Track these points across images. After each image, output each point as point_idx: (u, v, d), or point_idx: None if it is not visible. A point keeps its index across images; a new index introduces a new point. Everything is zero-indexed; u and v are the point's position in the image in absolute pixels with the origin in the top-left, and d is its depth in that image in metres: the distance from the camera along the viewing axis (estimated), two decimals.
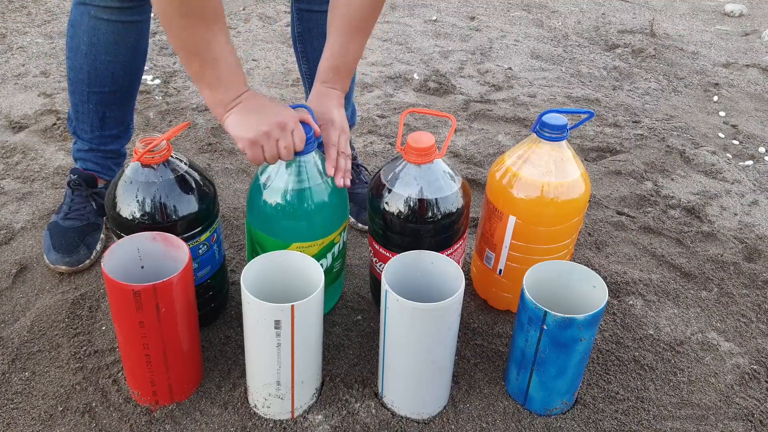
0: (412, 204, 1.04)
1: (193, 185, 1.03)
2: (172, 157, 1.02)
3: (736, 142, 1.90)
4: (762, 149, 1.86)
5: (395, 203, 1.05)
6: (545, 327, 0.95)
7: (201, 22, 0.92)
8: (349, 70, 1.12)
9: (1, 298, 1.22)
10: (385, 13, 2.71)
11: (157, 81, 2.03)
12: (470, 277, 1.30)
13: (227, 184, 1.57)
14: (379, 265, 1.13)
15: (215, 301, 1.16)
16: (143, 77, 2.01)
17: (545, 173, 1.07)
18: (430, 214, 1.04)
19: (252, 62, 2.20)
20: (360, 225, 1.42)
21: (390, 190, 1.05)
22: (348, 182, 1.07)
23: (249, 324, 0.94)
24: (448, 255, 1.07)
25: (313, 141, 1.03)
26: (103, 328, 1.16)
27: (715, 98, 2.15)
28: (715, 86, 2.23)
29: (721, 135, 1.93)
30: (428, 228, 1.05)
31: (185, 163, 1.04)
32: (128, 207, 1.00)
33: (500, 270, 1.18)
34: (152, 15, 1.21)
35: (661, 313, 1.27)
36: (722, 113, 2.06)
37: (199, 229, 1.04)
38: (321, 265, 1.02)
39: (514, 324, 1.04)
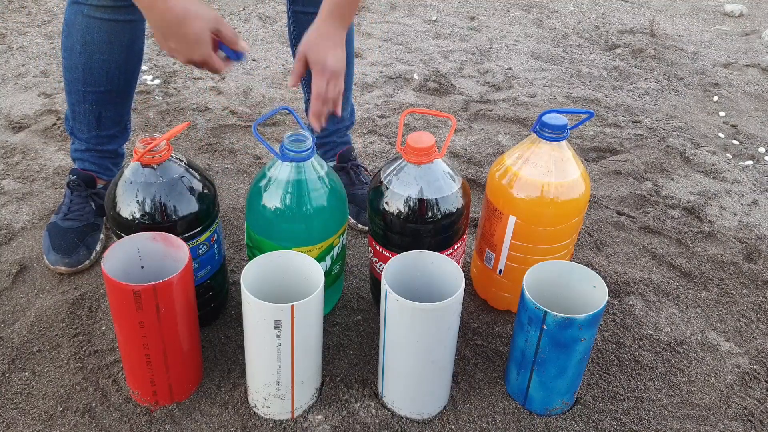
0: (412, 204, 1.04)
1: (193, 185, 1.03)
2: (172, 157, 1.02)
3: (736, 142, 1.90)
4: (762, 149, 1.86)
5: (395, 203, 1.04)
6: (545, 327, 0.95)
7: None
8: (352, 5, 1.10)
9: (1, 298, 1.22)
10: (385, 13, 2.71)
11: (157, 81, 2.03)
12: (470, 277, 1.30)
13: (227, 184, 1.57)
14: (379, 265, 1.12)
15: (215, 301, 1.16)
16: (143, 77, 2.02)
17: (545, 173, 1.07)
18: (430, 214, 1.04)
19: (252, 62, 2.20)
20: (360, 226, 1.42)
21: (390, 190, 1.05)
22: (324, 123, 1.05)
23: (249, 324, 0.94)
24: (448, 255, 1.06)
25: (312, 149, 1.03)
26: (103, 328, 1.16)
27: (715, 98, 2.15)
28: (715, 86, 2.23)
29: (721, 135, 1.92)
30: (428, 228, 1.05)
31: (185, 163, 1.04)
32: (128, 207, 1.00)
33: (500, 270, 1.18)
34: None
35: (661, 313, 1.27)
36: (722, 113, 2.05)
37: (199, 229, 1.04)
38: None
39: (514, 324, 1.04)
